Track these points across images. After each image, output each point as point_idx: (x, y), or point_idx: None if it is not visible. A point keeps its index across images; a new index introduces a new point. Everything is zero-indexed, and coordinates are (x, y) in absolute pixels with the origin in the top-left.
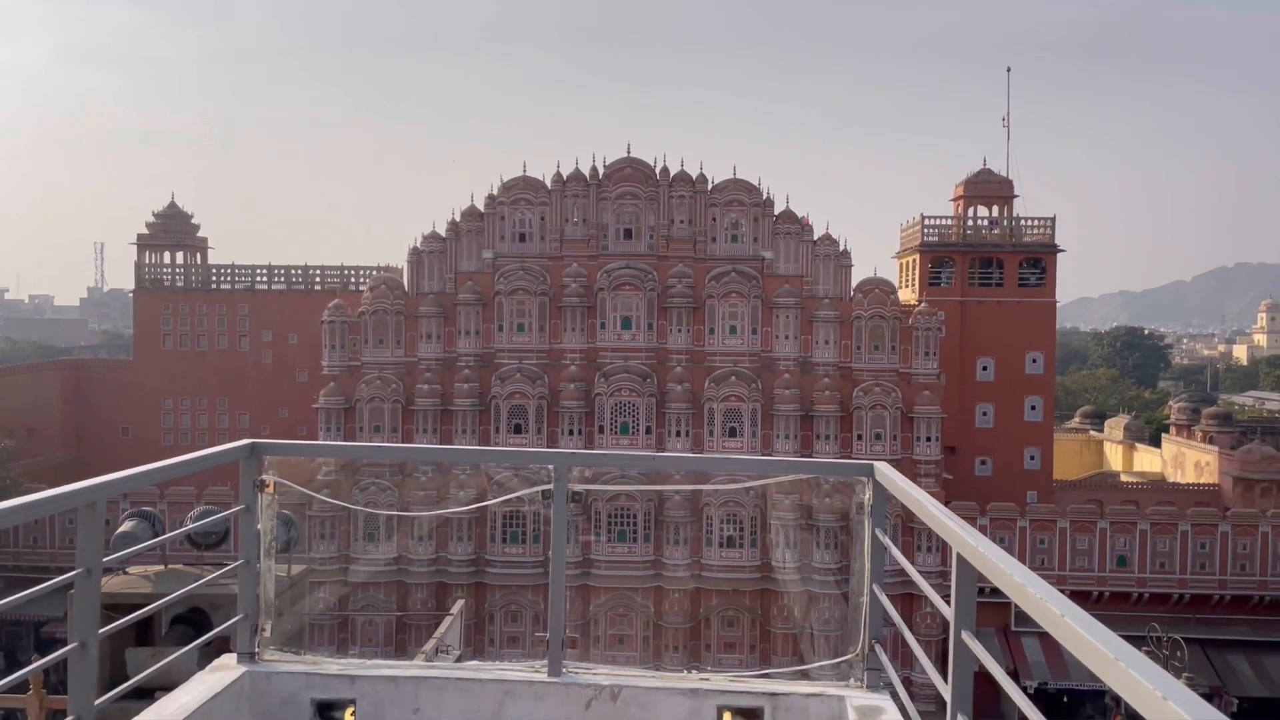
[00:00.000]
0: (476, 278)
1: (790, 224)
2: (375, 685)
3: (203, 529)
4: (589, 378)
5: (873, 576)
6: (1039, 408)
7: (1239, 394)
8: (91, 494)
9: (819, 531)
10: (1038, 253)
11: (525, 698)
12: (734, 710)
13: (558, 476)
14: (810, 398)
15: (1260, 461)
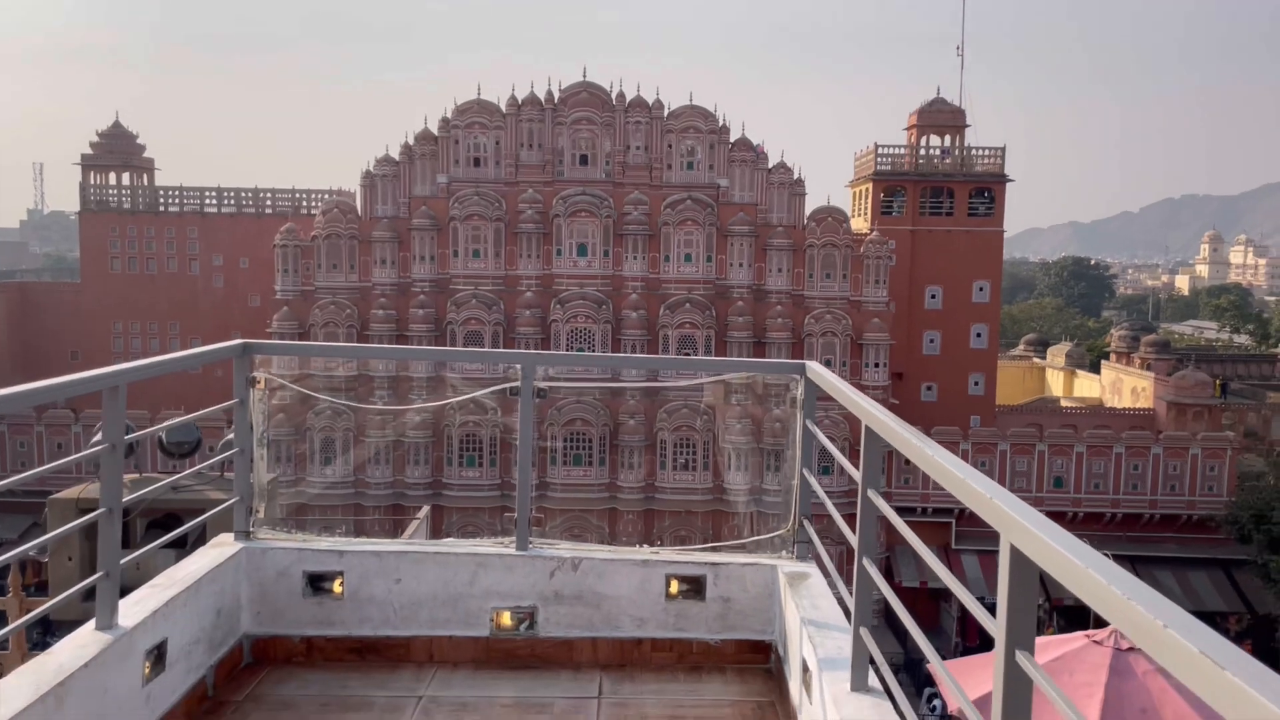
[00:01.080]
0: (431, 203)
1: (745, 152)
2: (361, 559)
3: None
4: (545, 304)
5: (803, 462)
6: (984, 335)
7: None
8: (115, 378)
9: (769, 455)
10: (987, 182)
11: (496, 569)
12: (680, 578)
13: (525, 375)
14: (763, 325)
15: (1193, 387)
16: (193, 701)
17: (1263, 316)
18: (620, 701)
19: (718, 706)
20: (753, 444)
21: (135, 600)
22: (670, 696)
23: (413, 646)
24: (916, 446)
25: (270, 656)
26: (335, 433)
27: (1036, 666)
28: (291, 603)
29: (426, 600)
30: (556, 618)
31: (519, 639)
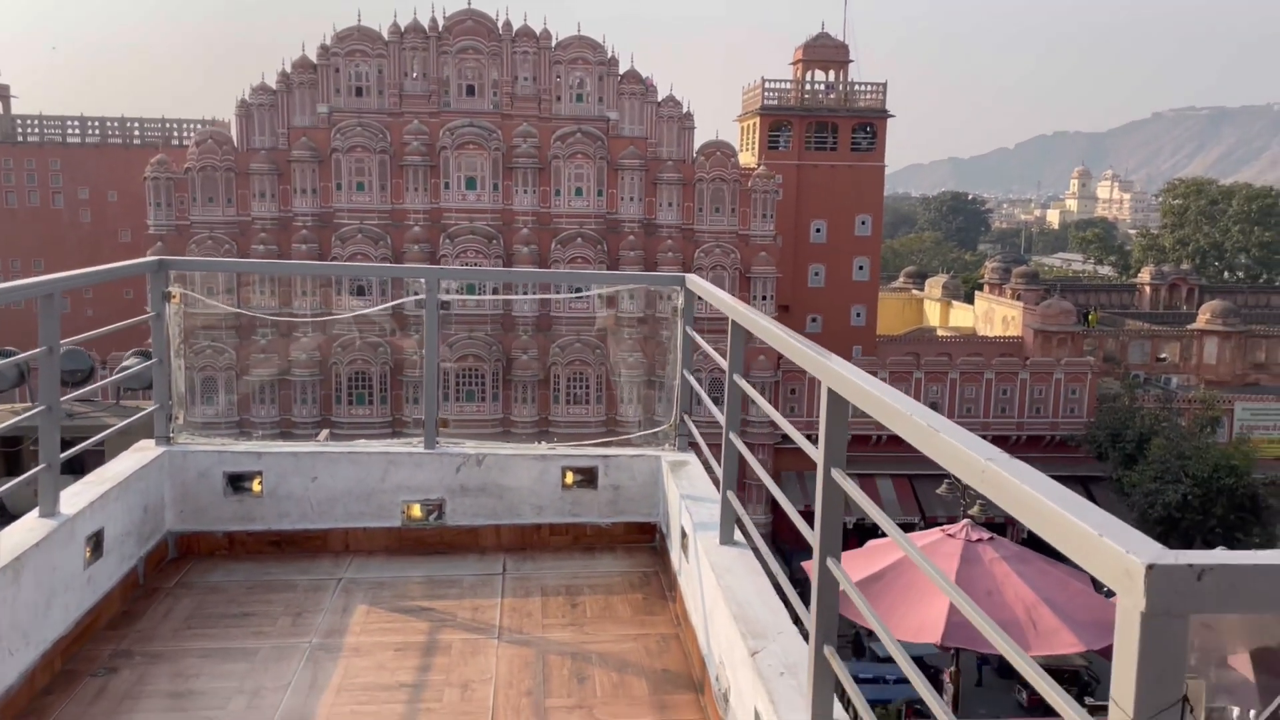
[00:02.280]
0: (311, 133)
1: (634, 84)
2: (278, 460)
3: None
4: (434, 239)
5: (683, 363)
6: (866, 268)
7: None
8: (50, 286)
9: (661, 388)
10: (869, 117)
11: (406, 465)
12: (574, 470)
13: (429, 288)
14: (654, 259)
15: (1058, 315)
16: (126, 588)
17: (1124, 249)
18: (521, 577)
19: (608, 577)
20: (644, 376)
21: (72, 493)
22: (566, 571)
23: (329, 538)
24: (763, 325)
25: (194, 550)
26: (217, 371)
27: (848, 479)
28: (213, 501)
29: (342, 496)
30: (463, 508)
31: (429, 528)
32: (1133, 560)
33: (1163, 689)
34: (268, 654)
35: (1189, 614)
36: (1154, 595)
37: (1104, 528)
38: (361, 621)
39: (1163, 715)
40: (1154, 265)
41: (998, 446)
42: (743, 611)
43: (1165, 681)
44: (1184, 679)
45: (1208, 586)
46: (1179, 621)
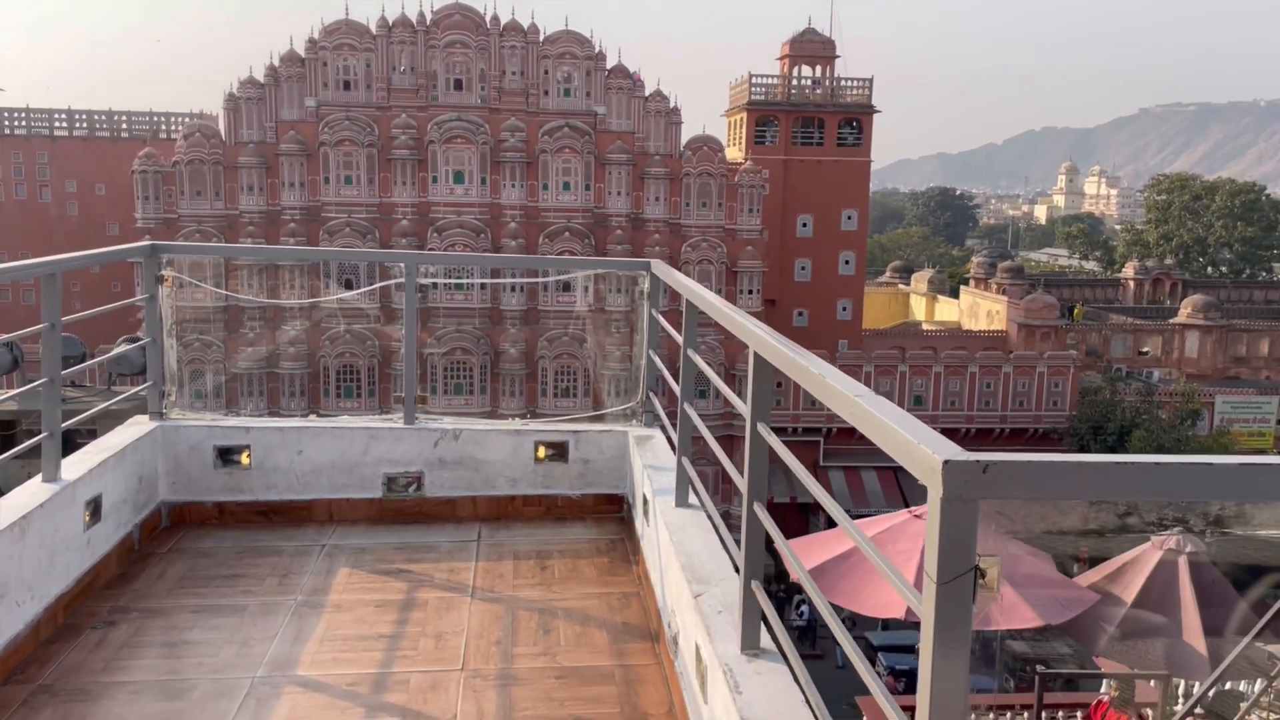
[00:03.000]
0: (299, 127)
1: (622, 79)
2: (265, 434)
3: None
4: (421, 232)
5: (649, 344)
6: (852, 262)
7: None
8: (52, 266)
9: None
10: (856, 113)
11: (386, 440)
12: (546, 444)
13: (408, 272)
14: (641, 252)
15: (1041, 309)
16: (123, 551)
17: (1109, 244)
18: (495, 543)
19: (577, 544)
20: (629, 369)
21: (72, 461)
22: (538, 538)
23: (314, 508)
24: (710, 302)
25: (186, 519)
26: (205, 365)
27: (771, 434)
28: (204, 473)
29: (326, 468)
30: (440, 480)
31: (408, 499)
32: (935, 458)
33: (958, 559)
34: (255, 610)
35: (978, 499)
36: (949, 484)
37: (917, 434)
38: (344, 582)
39: (958, 580)
40: (1138, 260)
41: (981, 439)
42: (690, 562)
43: (960, 553)
44: (975, 553)
45: (990, 477)
46: (970, 505)
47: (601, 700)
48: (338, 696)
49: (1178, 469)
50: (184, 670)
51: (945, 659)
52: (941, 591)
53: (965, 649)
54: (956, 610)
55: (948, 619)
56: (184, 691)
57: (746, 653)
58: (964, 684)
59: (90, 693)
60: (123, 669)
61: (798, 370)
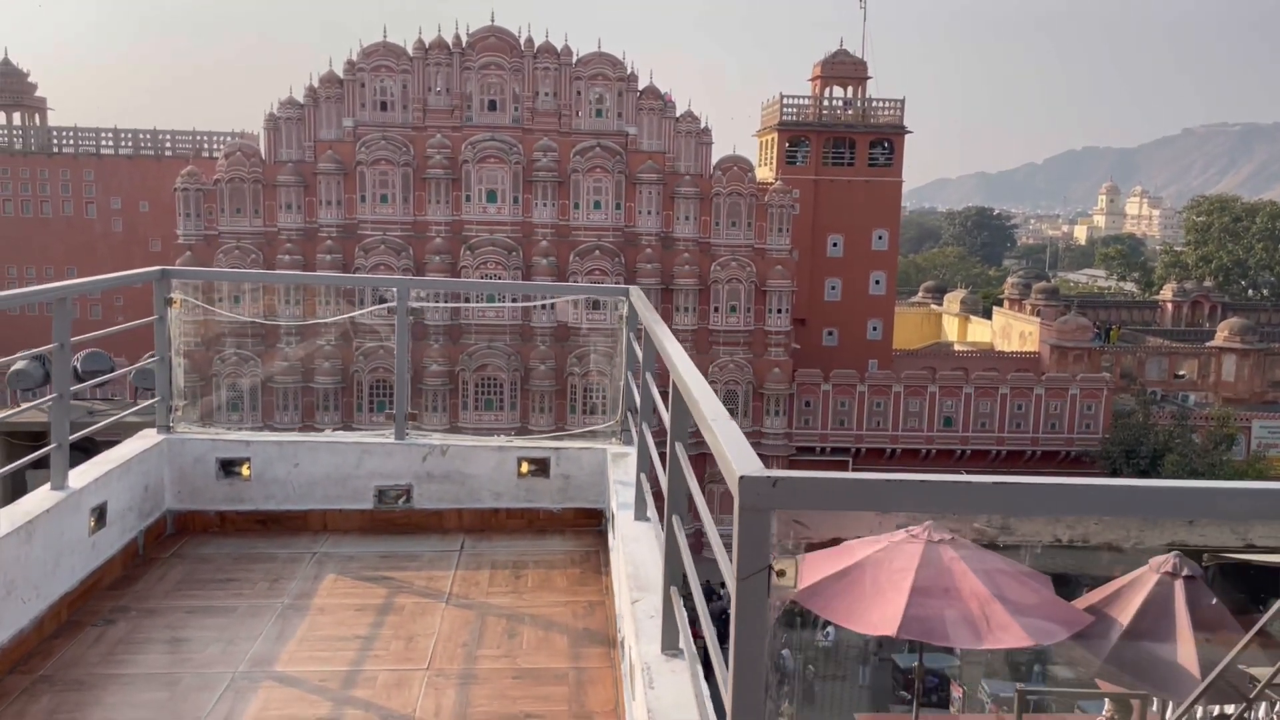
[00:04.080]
0: (337, 146)
1: (653, 100)
2: (265, 447)
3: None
4: (455, 250)
5: (627, 365)
6: (883, 282)
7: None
8: (63, 291)
9: None
10: (887, 133)
11: (378, 454)
12: (529, 460)
13: (400, 297)
14: (670, 272)
15: (1074, 331)
16: (127, 556)
17: (1148, 265)
18: (477, 553)
19: (552, 555)
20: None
21: (80, 471)
22: (517, 549)
23: (309, 517)
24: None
25: (189, 528)
26: (242, 379)
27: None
28: (207, 483)
29: (320, 480)
30: (428, 493)
31: (397, 510)
32: (735, 472)
33: (755, 559)
34: (244, 611)
35: (769, 509)
36: (744, 496)
37: (731, 448)
38: (329, 587)
39: (754, 577)
40: (1177, 282)
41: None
42: (635, 571)
43: (755, 554)
44: (770, 554)
45: (780, 491)
46: (763, 514)
47: (552, 699)
48: (309, 691)
49: (939, 486)
50: (172, 665)
51: (747, 641)
52: (741, 586)
53: (764, 634)
54: (754, 602)
55: (747, 609)
56: (170, 684)
57: (666, 653)
58: (763, 663)
59: (85, 683)
60: (117, 663)
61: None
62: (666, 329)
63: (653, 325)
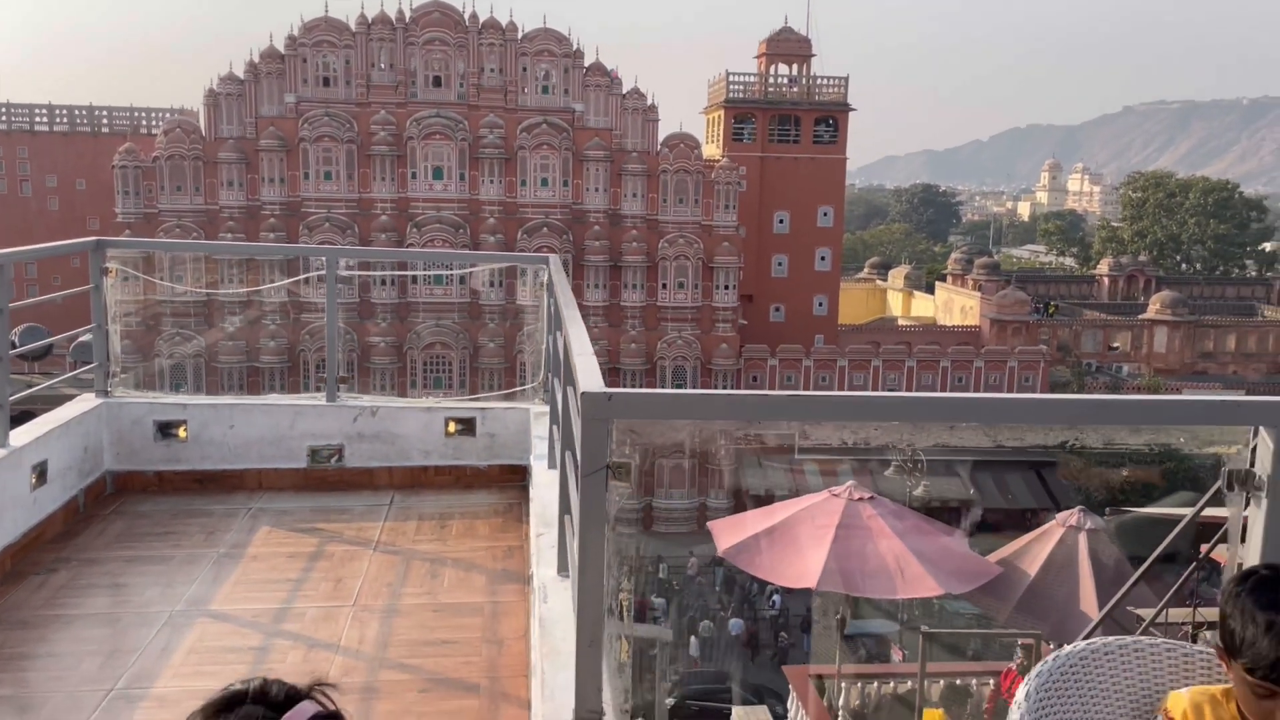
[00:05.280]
0: (279, 123)
1: (599, 77)
2: (201, 410)
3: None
4: (401, 228)
5: (548, 329)
6: (828, 258)
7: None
8: (1, 258)
9: (623, 375)
10: (832, 110)
11: (310, 416)
12: (456, 420)
13: (329, 265)
14: (619, 249)
15: (1013, 305)
16: (68, 513)
17: (1086, 241)
18: (406, 507)
19: (477, 508)
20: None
21: (21, 431)
22: (444, 503)
23: (245, 476)
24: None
25: (129, 486)
26: (186, 359)
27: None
28: (144, 445)
29: (255, 441)
30: (360, 452)
31: (330, 469)
32: (580, 389)
33: (596, 459)
34: (182, 560)
35: (607, 419)
36: (586, 408)
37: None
38: (263, 538)
39: (595, 474)
40: (1113, 257)
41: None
42: (543, 510)
43: (596, 456)
44: (608, 455)
45: (614, 404)
46: (602, 423)
47: (468, 628)
48: (241, 625)
49: (741, 398)
50: (112, 606)
51: (589, 530)
52: (585, 482)
53: (603, 525)
54: (596, 493)
55: (590, 500)
56: (111, 622)
57: (560, 574)
58: (602, 552)
59: (30, 623)
60: (60, 605)
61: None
62: (570, 294)
63: (558, 290)
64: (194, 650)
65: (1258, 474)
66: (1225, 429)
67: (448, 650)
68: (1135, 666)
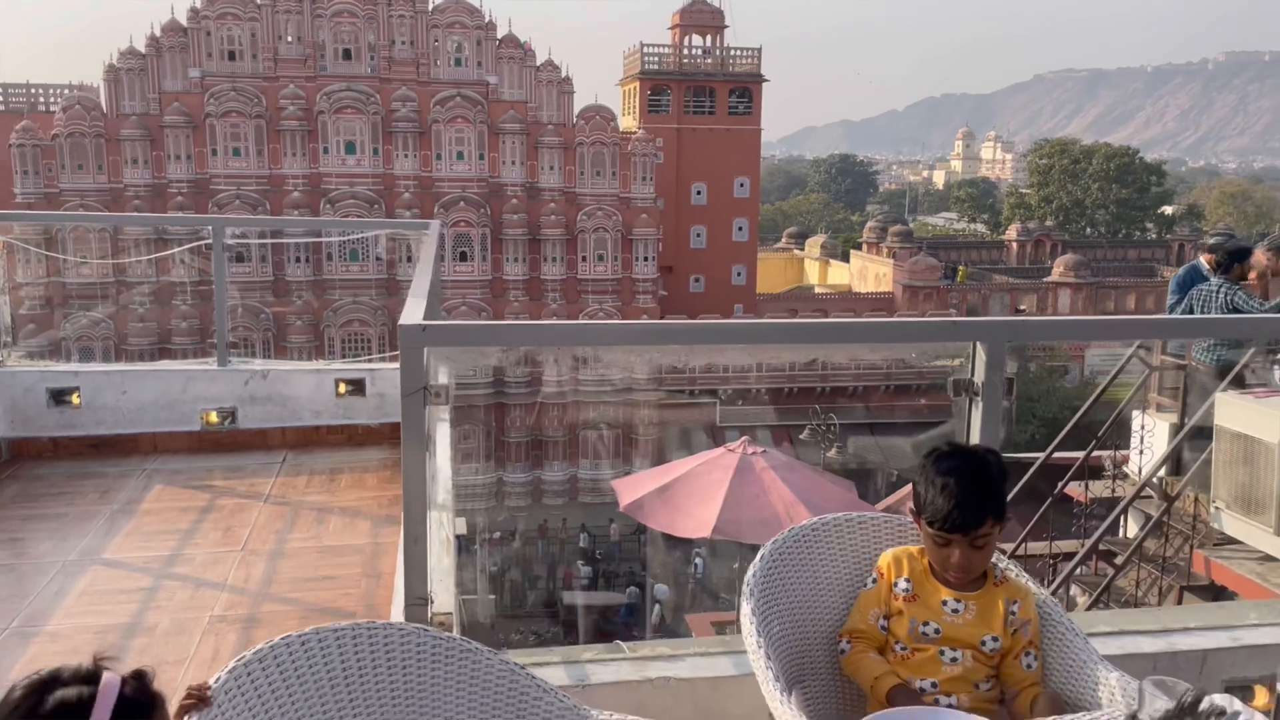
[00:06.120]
0: (184, 99)
1: (513, 49)
2: (93, 377)
3: None
4: (314, 204)
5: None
6: (746, 229)
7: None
8: None
9: None
10: (746, 82)
11: (202, 380)
12: (346, 381)
13: (215, 234)
14: (537, 222)
15: (924, 271)
16: None
17: (996, 207)
18: (297, 464)
19: (368, 462)
20: None
21: None
22: (335, 459)
23: (139, 441)
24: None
25: (24, 453)
26: (94, 342)
27: None
28: (38, 412)
29: (149, 406)
30: (252, 414)
31: (223, 431)
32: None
33: (414, 381)
34: (76, 516)
35: (421, 346)
36: (403, 338)
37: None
38: (156, 495)
39: (413, 395)
40: (1021, 223)
41: (869, 396)
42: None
43: (414, 379)
44: (424, 379)
45: (428, 335)
46: (417, 350)
47: (349, 565)
48: (133, 570)
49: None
50: (7, 559)
51: (411, 443)
52: (405, 401)
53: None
54: (415, 411)
55: (411, 416)
56: (6, 571)
57: None
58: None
59: None
60: None
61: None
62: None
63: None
64: (86, 593)
65: (976, 381)
66: (951, 345)
67: (328, 585)
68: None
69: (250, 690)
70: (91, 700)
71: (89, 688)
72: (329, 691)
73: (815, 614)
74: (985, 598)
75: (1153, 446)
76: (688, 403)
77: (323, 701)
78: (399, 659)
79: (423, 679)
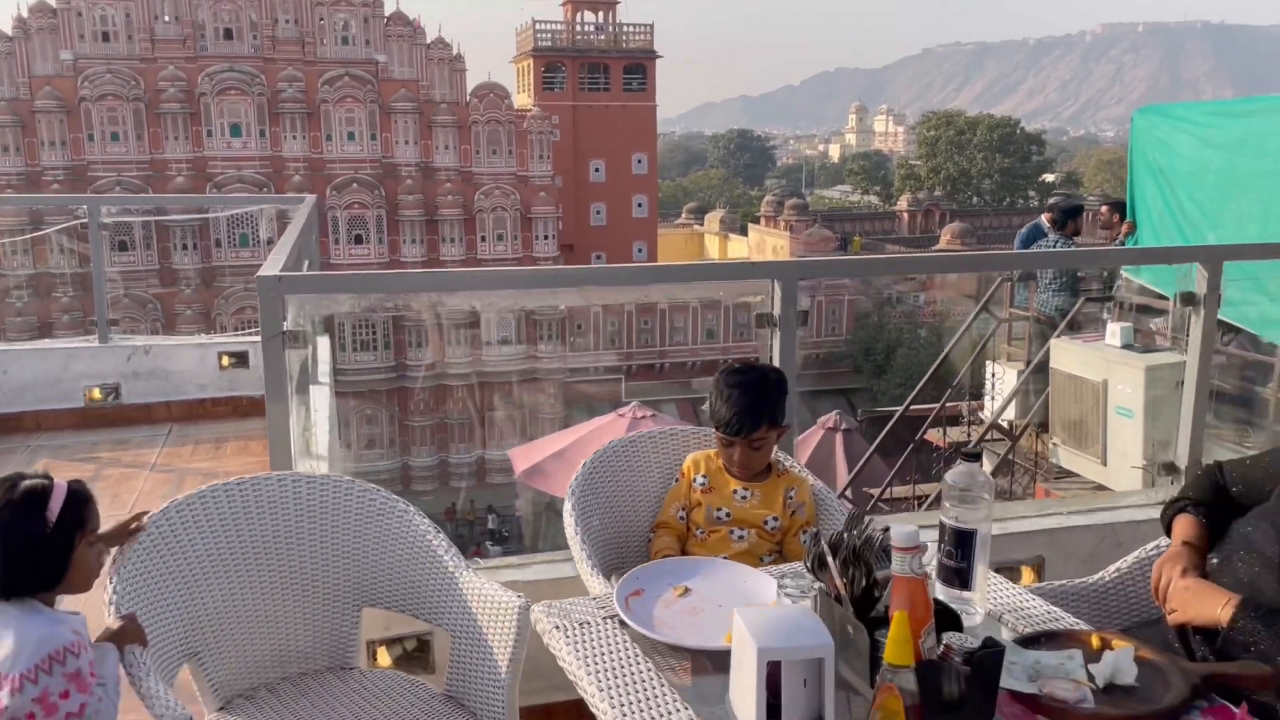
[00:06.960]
0: (56, 82)
1: (401, 26)
2: None
3: None
4: (200, 188)
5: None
6: (645, 205)
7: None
8: None
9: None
10: (639, 58)
11: (84, 358)
12: (230, 354)
13: (91, 213)
14: (434, 202)
15: (819, 242)
16: None
17: (888, 179)
18: (183, 436)
19: (253, 430)
20: None
21: None
22: (221, 430)
23: (22, 419)
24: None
25: None
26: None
27: None
28: None
29: (30, 384)
30: (136, 390)
31: (108, 407)
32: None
33: (272, 327)
34: None
35: (278, 295)
36: (261, 287)
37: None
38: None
39: (273, 340)
40: (911, 193)
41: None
42: None
43: (273, 325)
44: (282, 325)
45: (283, 284)
46: (274, 298)
47: None
48: None
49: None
50: None
51: (272, 385)
52: (265, 345)
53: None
54: (275, 355)
55: (271, 361)
56: None
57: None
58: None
59: None
60: None
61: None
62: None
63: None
64: None
65: (774, 314)
66: (753, 283)
67: None
68: (670, 445)
69: (179, 524)
70: (50, 489)
71: (47, 480)
72: (245, 527)
73: (633, 512)
74: (768, 486)
75: (1003, 393)
76: (589, 380)
77: (239, 533)
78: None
79: (313, 510)
